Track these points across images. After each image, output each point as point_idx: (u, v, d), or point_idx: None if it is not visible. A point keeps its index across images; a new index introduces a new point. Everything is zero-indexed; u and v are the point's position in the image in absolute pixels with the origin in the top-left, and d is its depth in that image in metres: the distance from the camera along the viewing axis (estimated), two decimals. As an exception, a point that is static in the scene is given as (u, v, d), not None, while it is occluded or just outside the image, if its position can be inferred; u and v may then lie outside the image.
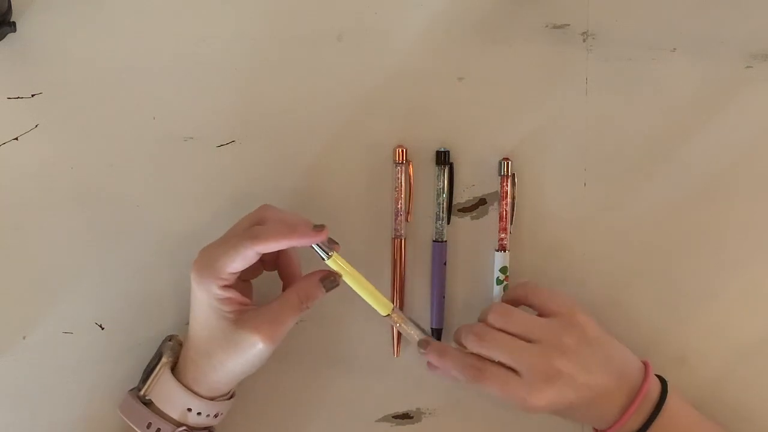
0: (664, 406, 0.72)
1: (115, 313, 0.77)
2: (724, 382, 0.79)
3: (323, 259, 0.72)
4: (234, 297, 0.69)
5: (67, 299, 0.77)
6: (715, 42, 0.81)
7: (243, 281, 0.73)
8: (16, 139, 0.77)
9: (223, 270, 0.68)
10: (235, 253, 0.68)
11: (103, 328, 0.77)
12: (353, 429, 0.79)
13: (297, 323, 0.78)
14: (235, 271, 0.69)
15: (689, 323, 0.80)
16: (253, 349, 0.69)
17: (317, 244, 0.71)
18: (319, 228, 0.70)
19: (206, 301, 0.69)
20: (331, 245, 0.72)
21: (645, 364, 0.74)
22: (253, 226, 0.70)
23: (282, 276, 0.75)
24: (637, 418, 0.72)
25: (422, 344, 0.75)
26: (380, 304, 0.74)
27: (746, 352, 0.80)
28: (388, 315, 0.74)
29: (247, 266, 0.69)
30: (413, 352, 0.79)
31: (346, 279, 0.73)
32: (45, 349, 0.77)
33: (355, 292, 0.73)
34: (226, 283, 0.69)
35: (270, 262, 0.74)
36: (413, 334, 0.75)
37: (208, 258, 0.69)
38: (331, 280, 0.72)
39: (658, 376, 0.75)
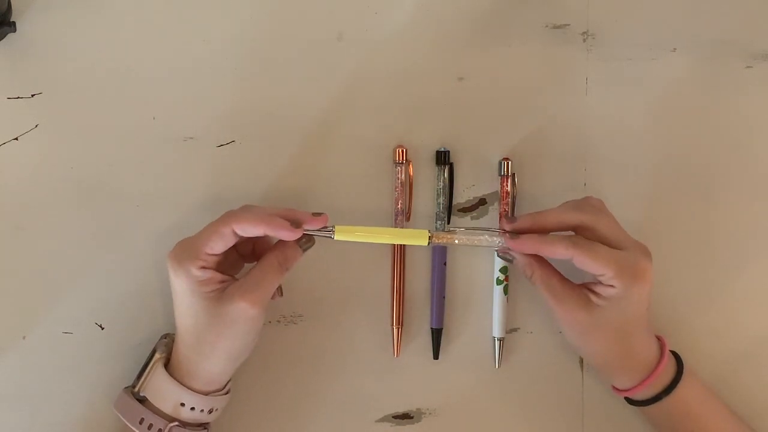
0: (683, 374, 0.74)
1: (115, 313, 0.77)
2: (725, 382, 0.79)
3: (331, 238, 0.71)
4: (213, 276, 0.69)
5: (67, 299, 0.77)
6: (715, 42, 0.81)
7: (227, 275, 0.72)
8: (16, 139, 0.77)
9: (201, 250, 0.69)
10: (212, 232, 0.69)
11: (103, 328, 0.77)
12: (353, 429, 0.79)
13: (297, 323, 0.78)
14: (212, 251, 0.69)
15: (689, 323, 0.80)
16: (241, 318, 0.69)
17: (319, 230, 0.71)
18: (297, 224, 0.70)
19: (187, 287, 0.69)
20: (322, 229, 0.71)
21: (659, 338, 0.75)
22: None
23: None
24: (662, 380, 0.74)
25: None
26: (414, 238, 0.73)
27: (746, 352, 0.80)
28: (431, 240, 0.73)
29: (226, 247, 0.69)
30: (413, 352, 0.79)
31: (363, 239, 0.72)
32: (45, 349, 0.77)
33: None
34: (204, 264, 0.69)
35: (248, 254, 0.74)
36: (474, 238, 0.73)
37: (184, 245, 0.70)
38: (306, 240, 0.72)
39: (671, 351, 0.76)
